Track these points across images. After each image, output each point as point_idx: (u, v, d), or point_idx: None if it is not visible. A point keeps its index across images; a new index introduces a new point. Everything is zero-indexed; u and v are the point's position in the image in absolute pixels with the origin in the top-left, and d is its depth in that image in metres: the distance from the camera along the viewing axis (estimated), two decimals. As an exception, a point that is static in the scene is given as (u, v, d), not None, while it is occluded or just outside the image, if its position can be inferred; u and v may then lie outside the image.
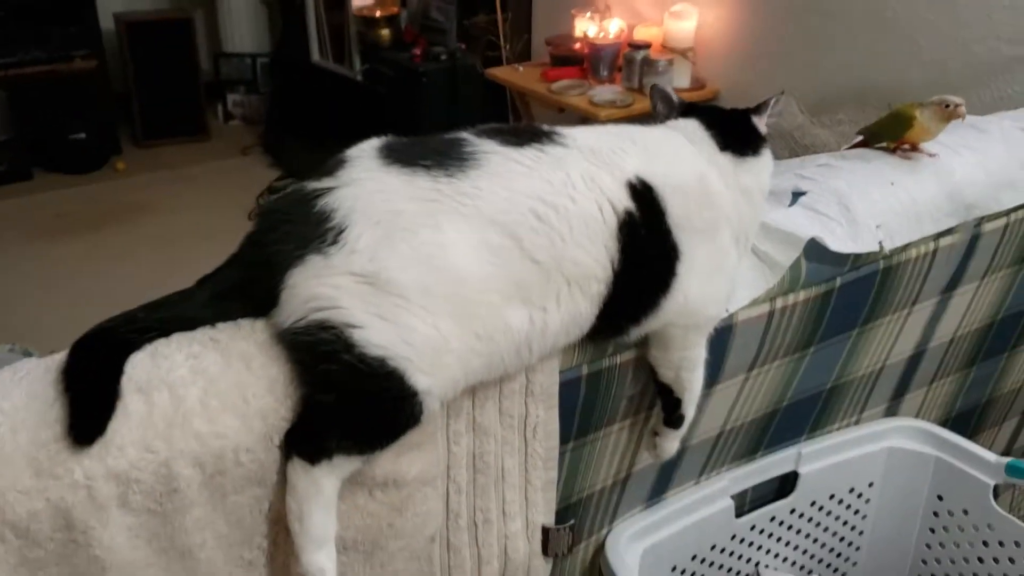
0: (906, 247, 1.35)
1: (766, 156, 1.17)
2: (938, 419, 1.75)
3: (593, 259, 0.97)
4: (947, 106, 1.32)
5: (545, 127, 1.06)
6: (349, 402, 0.86)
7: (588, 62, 3.08)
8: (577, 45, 3.15)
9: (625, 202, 0.99)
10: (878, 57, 2.49)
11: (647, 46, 2.93)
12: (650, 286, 1.03)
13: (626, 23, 3.14)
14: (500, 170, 0.95)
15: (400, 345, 0.86)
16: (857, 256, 1.28)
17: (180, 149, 5.14)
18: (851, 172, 1.36)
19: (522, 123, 1.11)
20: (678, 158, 1.09)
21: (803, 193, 1.30)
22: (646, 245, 1.01)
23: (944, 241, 1.39)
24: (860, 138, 1.50)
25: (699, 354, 1.12)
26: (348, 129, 4.63)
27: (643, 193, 1.01)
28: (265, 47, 5.47)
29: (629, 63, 2.94)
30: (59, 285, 3.62)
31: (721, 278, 1.10)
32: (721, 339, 1.20)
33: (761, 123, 1.19)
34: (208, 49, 5.58)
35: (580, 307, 0.97)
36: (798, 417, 1.47)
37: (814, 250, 1.24)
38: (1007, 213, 1.46)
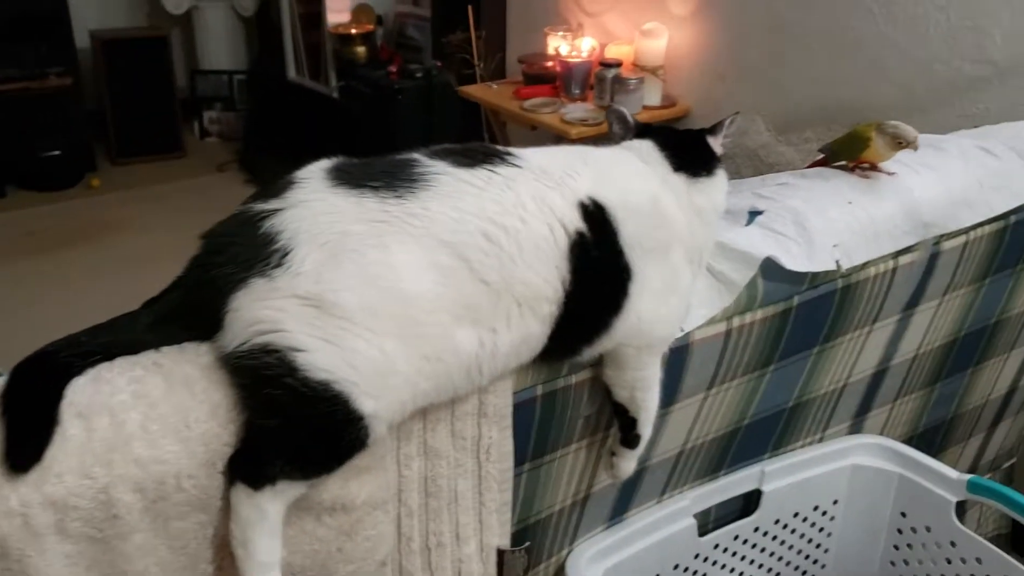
0: (865, 265, 1.35)
1: (720, 176, 1.17)
2: (903, 436, 1.75)
3: (544, 280, 0.96)
4: (900, 143, 1.33)
5: (498, 147, 1.06)
6: (292, 427, 0.86)
7: (560, 80, 3.09)
8: (550, 63, 3.16)
9: (576, 223, 0.99)
10: (844, 77, 2.51)
11: (618, 64, 2.94)
12: (602, 307, 1.03)
13: (598, 42, 3.16)
14: (450, 191, 0.95)
15: (345, 368, 0.85)
16: (815, 275, 1.29)
17: (156, 166, 5.11)
18: (809, 191, 1.36)
19: (475, 143, 1.12)
20: (631, 179, 1.09)
21: (759, 212, 1.30)
22: (598, 266, 1.01)
23: (903, 259, 1.40)
24: (821, 156, 1.51)
25: (653, 374, 1.12)
26: (324, 146, 4.59)
27: (595, 214, 1.01)
28: (242, 64, 5.47)
29: (600, 81, 2.95)
30: (29, 304, 3.58)
31: (674, 298, 1.10)
32: (677, 359, 1.20)
33: (716, 143, 1.20)
34: (185, 66, 5.57)
35: (531, 328, 0.97)
36: (760, 435, 1.47)
37: (771, 269, 1.24)
38: (966, 231, 1.47)
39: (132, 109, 5.04)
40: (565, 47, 3.11)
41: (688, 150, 1.16)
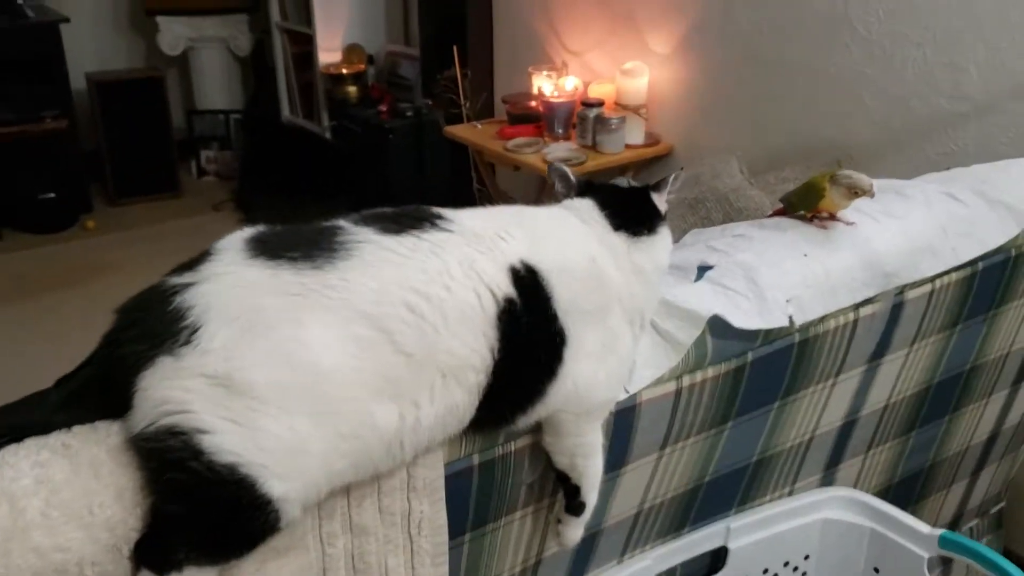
0: (823, 319, 1.32)
1: (663, 234, 1.14)
2: (880, 486, 1.71)
3: (470, 349, 0.94)
4: (855, 192, 1.30)
5: (434, 210, 1.03)
6: (198, 512, 0.83)
7: (544, 120, 3.07)
8: (533, 103, 3.15)
9: (506, 289, 0.97)
10: (825, 113, 2.48)
11: (600, 104, 2.92)
12: (535, 374, 1.00)
13: (582, 80, 3.14)
14: (372, 260, 0.93)
15: (253, 451, 0.83)
16: (769, 330, 1.26)
17: (152, 206, 5.12)
18: (764, 243, 1.33)
19: (411, 206, 1.10)
20: (567, 240, 1.07)
21: (710, 267, 1.27)
22: (529, 332, 0.98)
23: (864, 311, 1.37)
24: (781, 205, 1.48)
25: (594, 440, 1.09)
26: (318, 185, 4.64)
27: (526, 278, 0.99)
28: (238, 104, 5.49)
29: (583, 121, 2.93)
30: (23, 347, 3.57)
31: (613, 361, 1.07)
32: (625, 420, 1.17)
33: (660, 200, 1.17)
34: (182, 106, 5.60)
35: (457, 399, 0.94)
36: (724, 491, 1.44)
37: (720, 326, 1.21)
38: (931, 280, 1.43)
39: (129, 150, 5.05)
40: (548, 86, 3.10)
41: (629, 208, 1.14)
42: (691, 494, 1.38)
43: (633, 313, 1.09)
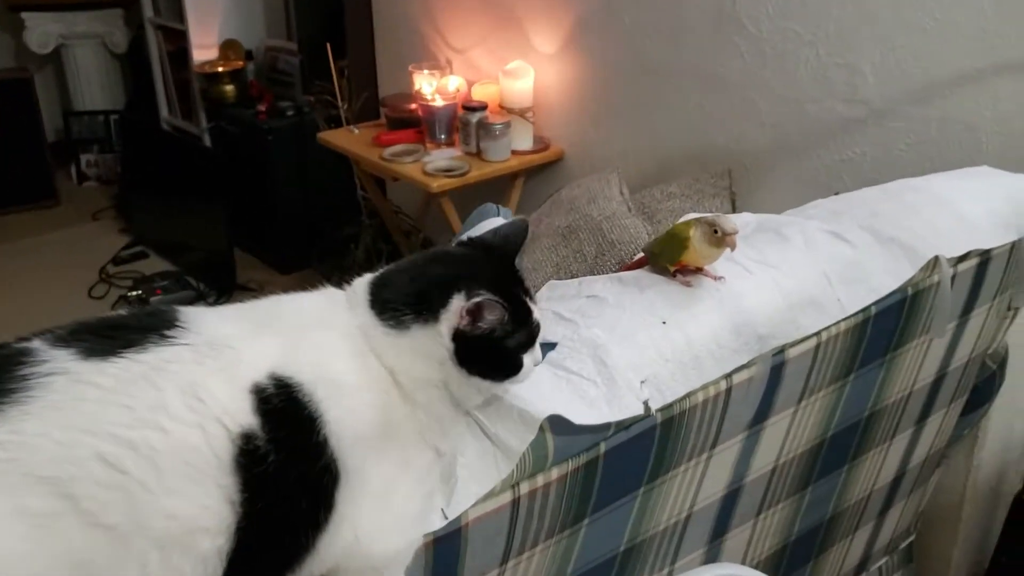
0: (690, 392, 1.13)
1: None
2: (775, 547, 1.54)
3: (198, 507, 0.72)
4: (716, 232, 1.10)
5: (170, 313, 0.80)
6: None
7: (424, 124, 2.83)
8: (413, 105, 2.91)
9: (246, 418, 0.74)
10: (716, 119, 2.30)
11: (483, 107, 2.70)
12: (297, 527, 0.78)
13: (466, 80, 2.91)
14: (60, 400, 0.70)
15: None
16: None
17: (27, 217, 4.74)
18: (618, 309, 1.13)
19: (144, 310, 0.88)
20: (339, 338, 0.85)
21: (552, 346, 1.06)
22: (284, 473, 0.76)
23: (739, 377, 1.18)
24: (642, 255, 1.28)
25: (393, 591, 0.87)
26: (199, 191, 4.32)
27: (276, 398, 0.77)
28: (119, 103, 5.13)
29: (465, 126, 2.71)
30: None
31: (407, 495, 0.85)
32: (449, 548, 0.96)
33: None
34: (60, 108, 5.21)
35: (184, 575, 0.72)
36: (590, 587, 1.24)
37: (563, 421, 1.00)
38: (816, 333, 1.25)
39: (-3, 157, 4.68)
40: (429, 87, 2.86)
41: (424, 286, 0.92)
42: (549, 598, 1.18)
43: (431, 427, 0.87)
